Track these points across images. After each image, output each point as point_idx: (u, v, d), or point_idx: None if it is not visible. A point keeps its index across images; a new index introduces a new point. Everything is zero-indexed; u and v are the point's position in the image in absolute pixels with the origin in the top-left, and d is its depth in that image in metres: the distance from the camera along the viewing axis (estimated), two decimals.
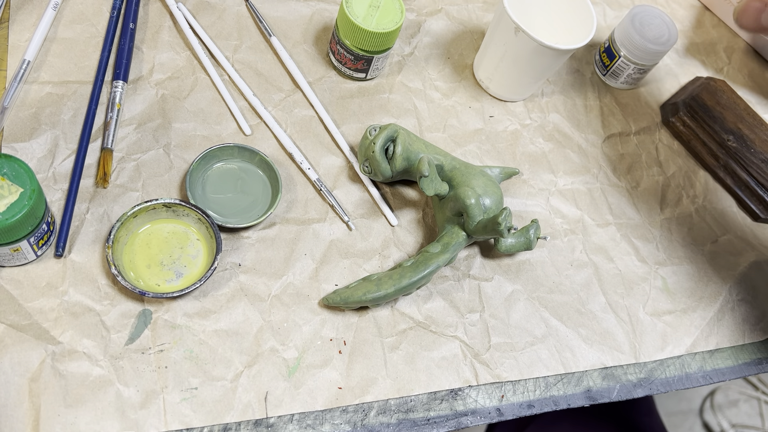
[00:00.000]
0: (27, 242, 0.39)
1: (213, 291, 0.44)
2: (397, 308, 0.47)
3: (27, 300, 0.41)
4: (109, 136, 0.47)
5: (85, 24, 0.52)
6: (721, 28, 0.75)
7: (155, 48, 0.52)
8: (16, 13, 0.50)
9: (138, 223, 0.44)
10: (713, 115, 0.63)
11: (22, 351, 0.39)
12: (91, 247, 0.43)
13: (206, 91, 0.52)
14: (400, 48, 0.60)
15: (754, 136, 0.63)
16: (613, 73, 0.64)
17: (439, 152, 0.50)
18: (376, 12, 0.51)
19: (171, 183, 0.47)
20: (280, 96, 0.54)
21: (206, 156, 0.47)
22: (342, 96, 0.55)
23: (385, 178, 0.49)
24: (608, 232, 0.56)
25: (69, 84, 0.49)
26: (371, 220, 0.50)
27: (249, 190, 0.48)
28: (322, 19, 0.59)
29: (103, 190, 0.46)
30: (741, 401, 1.35)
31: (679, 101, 0.64)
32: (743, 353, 0.55)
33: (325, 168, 0.52)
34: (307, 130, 0.53)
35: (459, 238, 0.47)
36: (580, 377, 0.49)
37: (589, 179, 0.58)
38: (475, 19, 0.64)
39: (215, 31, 0.55)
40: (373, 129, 0.49)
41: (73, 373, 0.39)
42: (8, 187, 0.37)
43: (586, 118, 0.62)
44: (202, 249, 0.45)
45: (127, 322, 0.42)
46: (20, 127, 0.46)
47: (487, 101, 0.60)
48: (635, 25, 0.61)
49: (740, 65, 0.73)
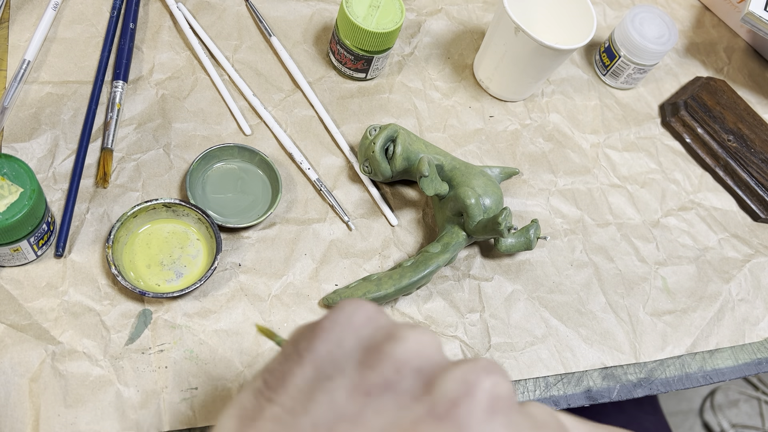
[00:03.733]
0: (27, 242, 0.39)
1: (213, 291, 0.44)
2: (397, 308, 0.47)
3: (27, 300, 0.41)
4: (109, 136, 0.47)
5: (85, 24, 0.52)
6: (721, 28, 0.75)
7: (155, 48, 0.52)
8: (16, 13, 0.50)
9: (138, 223, 0.44)
10: (713, 115, 0.63)
11: (22, 351, 0.39)
12: (91, 247, 0.43)
13: (206, 91, 0.52)
14: (400, 48, 0.60)
15: (755, 136, 0.63)
16: (613, 73, 0.64)
17: (439, 152, 0.50)
18: (376, 12, 0.51)
19: (171, 183, 0.47)
20: (280, 96, 0.54)
21: (206, 156, 0.47)
22: (342, 96, 0.55)
23: (385, 178, 0.49)
24: (608, 232, 0.56)
25: (69, 84, 0.49)
26: (371, 220, 0.50)
27: (249, 190, 0.48)
28: (322, 19, 0.59)
29: (103, 190, 0.46)
30: (741, 401, 1.35)
31: (680, 101, 0.64)
32: (743, 353, 0.55)
33: (325, 168, 0.52)
34: (307, 130, 0.53)
35: (459, 238, 0.47)
36: (580, 377, 0.49)
37: (589, 179, 0.58)
38: (475, 19, 0.64)
39: (215, 31, 0.55)
40: (373, 129, 0.49)
41: (73, 373, 0.39)
42: (8, 187, 0.37)
43: (586, 118, 0.62)
44: (202, 249, 0.45)
45: (127, 322, 0.42)
46: (20, 127, 0.46)
47: (487, 101, 0.60)
48: (635, 25, 0.61)
49: (740, 65, 0.73)
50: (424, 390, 0.21)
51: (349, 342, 0.22)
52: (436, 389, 0.20)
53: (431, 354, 0.22)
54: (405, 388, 0.21)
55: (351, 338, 0.23)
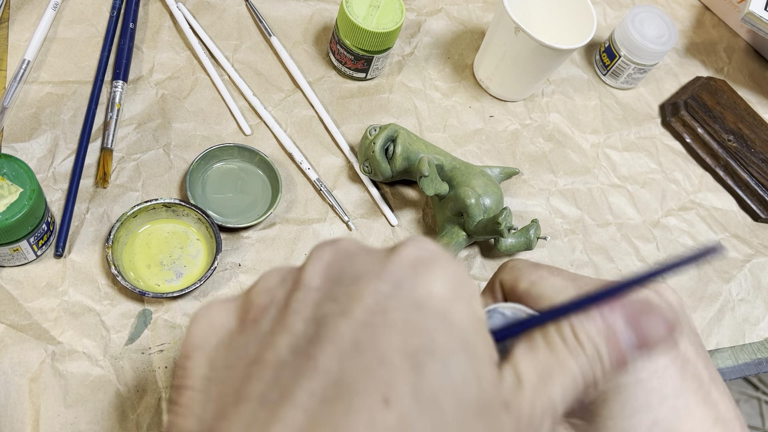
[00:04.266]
0: (27, 242, 0.39)
1: (213, 291, 0.44)
2: None
3: (27, 300, 0.41)
4: (108, 136, 0.47)
5: (85, 24, 0.52)
6: (721, 28, 0.75)
7: (155, 48, 0.52)
8: (16, 12, 0.50)
9: (138, 223, 0.44)
10: (713, 115, 0.63)
11: (22, 351, 0.39)
12: (91, 247, 0.43)
13: (206, 91, 0.52)
14: (400, 48, 0.60)
15: (755, 136, 0.63)
16: (613, 73, 0.64)
17: (439, 152, 0.50)
18: (376, 12, 0.51)
19: (171, 183, 0.47)
20: (280, 96, 0.54)
21: (206, 156, 0.47)
22: (342, 96, 0.55)
23: (385, 178, 0.49)
24: (608, 232, 0.56)
25: (69, 84, 0.49)
26: (371, 220, 0.50)
27: (249, 190, 0.48)
28: (322, 18, 0.59)
29: (102, 190, 0.46)
30: (741, 401, 1.34)
31: (680, 101, 0.64)
32: (743, 353, 0.55)
33: (325, 168, 0.52)
34: (307, 130, 0.53)
35: (459, 238, 0.47)
36: None
37: (589, 179, 0.58)
38: (475, 19, 0.64)
39: (215, 31, 0.55)
40: (373, 129, 0.49)
41: (73, 373, 0.39)
42: (8, 187, 0.37)
43: (586, 118, 0.62)
44: (202, 249, 0.45)
45: (127, 322, 0.42)
46: (20, 127, 0.46)
47: (488, 101, 0.60)
48: (635, 25, 0.61)
49: (740, 65, 0.72)
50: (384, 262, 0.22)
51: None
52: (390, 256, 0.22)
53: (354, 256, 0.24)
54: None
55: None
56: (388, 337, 0.20)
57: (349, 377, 0.19)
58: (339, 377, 0.19)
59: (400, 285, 0.21)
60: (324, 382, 0.19)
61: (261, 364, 0.20)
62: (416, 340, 0.20)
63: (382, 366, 0.19)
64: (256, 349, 0.21)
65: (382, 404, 0.18)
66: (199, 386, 0.22)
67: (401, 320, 0.20)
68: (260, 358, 0.21)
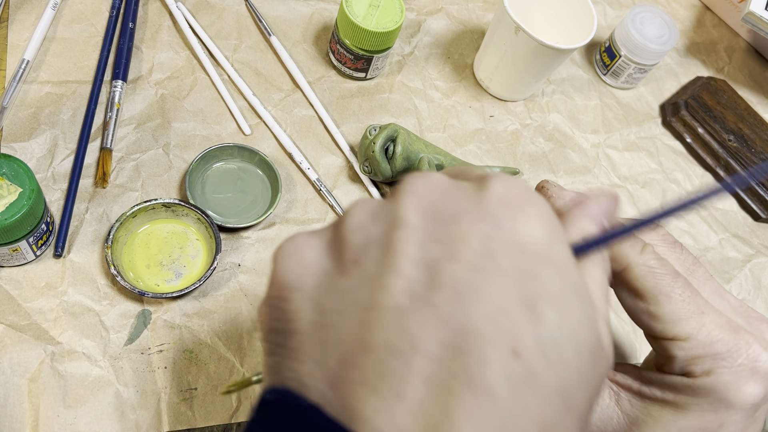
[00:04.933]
0: (26, 242, 0.39)
1: (212, 291, 0.44)
2: None
3: (26, 300, 0.41)
4: (108, 135, 0.47)
5: (85, 23, 0.52)
6: (721, 28, 0.75)
7: (155, 47, 0.52)
8: (16, 12, 0.50)
9: (137, 223, 0.44)
10: (714, 114, 0.63)
11: (22, 351, 0.39)
12: (91, 247, 0.43)
13: (206, 90, 0.52)
14: (400, 48, 0.60)
15: (755, 136, 0.63)
16: (613, 73, 0.64)
17: (439, 152, 0.50)
18: (376, 11, 0.51)
19: (170, 183, 0.47)
20: (279, 96, 0.54)
21: (206, 156, 0.47)
22: (342, 96, 0.55)
23: (385, 178, 0.49)
24: None
25: (68, 84, 0.49)
26: None
27: (249, 190, 0.48)
28: (322, 18, 0.59)
29: (102, 190, 0.46)
30: None
31: (680, 101, 0.64)
32: None
33: (325, 168, 0.51)
34: (307, 129, 0.53)
35: None
36: None
37: (589, 179, 0.58)
38: (475, 18, 0.64)
39: (215, 30, 0.55)
40: (373, 129, 0.49)
41: (72, 374, 0.39)
42: (7, 187, 0.37)
43: (586, 117, 0.62)
44: (201, 249, 0.45)
45: (126, 323, 0.42)
46: (19, 127, 0.46)
47: (488, 101, 0.59)
48: (635, 25, 0.61)
49: (741, 65, 0.72)
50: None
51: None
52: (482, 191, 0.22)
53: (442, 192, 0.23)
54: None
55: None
56: (502, 283, 0.19)
57: (474, 327, 0.18)
58: (465, 327, 0.18)
59: (499, 226, 0.20)
60: (451, 332, 0.18)
61: (380, 310, 0.19)
62: (530, 286, 0.19)
63: (504, 315, 0.19)
64: (369, 294, 0.20)
65: (511, 355, 0.18)
66: (310, 330, 0.20)
67: (511, 265, 0.20)
68: (377, 304, 0.20)
